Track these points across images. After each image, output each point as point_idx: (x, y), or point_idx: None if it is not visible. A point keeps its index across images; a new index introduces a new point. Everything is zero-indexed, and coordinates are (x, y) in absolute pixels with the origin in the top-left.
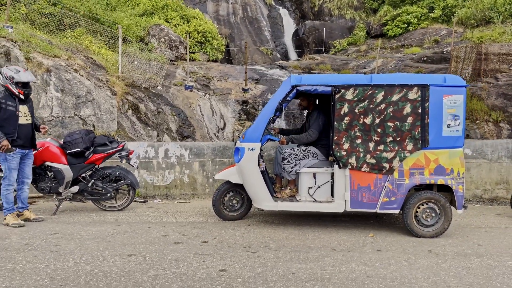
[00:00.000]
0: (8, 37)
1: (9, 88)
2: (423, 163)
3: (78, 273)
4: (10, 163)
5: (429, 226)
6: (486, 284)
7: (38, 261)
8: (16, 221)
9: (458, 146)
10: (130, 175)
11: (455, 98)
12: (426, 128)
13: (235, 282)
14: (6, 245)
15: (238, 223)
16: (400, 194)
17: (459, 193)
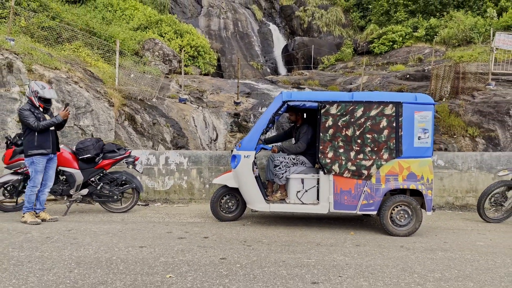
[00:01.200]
0: (11, 50)
1: (32, 100)
2: (397, 170)
3: (99, 259)
4: (37, 166)
5: (402, 226)
6: (445, 270)
7: (62, 250)
8: (34, 219)
9: (428, 155)
10: (135, 180)
11: (425, 114)
12: (400, 140)
13: (234, 267)
14: (29, 238)
15: (234, 223)
16: (377, 197)
17: (429, 197)
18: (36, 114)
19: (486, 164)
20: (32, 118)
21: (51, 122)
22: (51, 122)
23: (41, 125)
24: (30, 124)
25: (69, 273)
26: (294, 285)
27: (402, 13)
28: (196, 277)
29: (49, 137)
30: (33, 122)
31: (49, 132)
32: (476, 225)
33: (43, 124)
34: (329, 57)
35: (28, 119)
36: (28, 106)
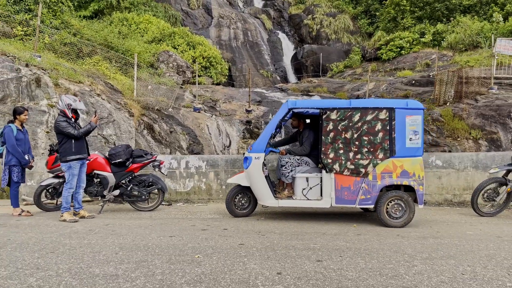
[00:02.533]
0: (39, 66)
1: (65, 112)
2: (391, 168)
3: (137, 245)
4: (73, 170)
5: (397, 218)
6: (432, 252)
7: (105, 239)
8: (72, 217)
9: (419, 155)
10: (161, 181)
11: (415, 118)
12: (393, 141)
13: (251, 250)
14: (75, 231)
15: (249, 218)
16: (374, 193)
17: (420, 192)
18: (71, 124)
19: (482, 163)
20: (71, 128)
21: (88, 128)
22: (88, 128)
23: (80, 132)
24: (70, 133)
25: (115, 254)
26: (301, 262)
27: (409, 19)
28: (220, 257)
29: (83, 144)
30: (72, 131)
31: (83, 139)
32: (470, 219)
33: (82, 131)
34: (338, 64)
35: (67, 129)
36: (63, 118)
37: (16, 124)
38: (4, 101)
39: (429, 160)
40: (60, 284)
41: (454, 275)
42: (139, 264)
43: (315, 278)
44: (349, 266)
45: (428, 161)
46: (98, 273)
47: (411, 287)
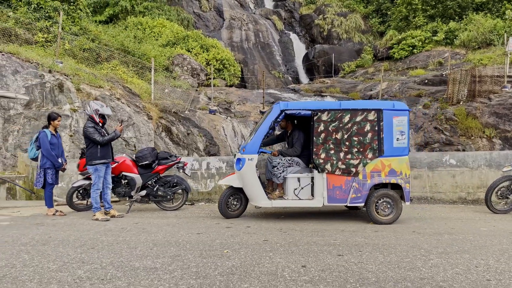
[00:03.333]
0: (61, 72)
1: (93, 118)
2: (380, 168)
3: (169, 241)
4: (99, 172)
5: (386, 215)
6: (448, 247)
7: (138, 236)
8: (104, 216)
9: (405, 154)
10: (185, 182)
11: (402, 119)
12: (382, 141)
13: (275, 246)
14: (109, 229)
15: (270, 216)
16: (364, 191)
17: (407, 189)
18: (98, 130)
19: (495, 162)
20: (97, 134)
21: (112, 136)
22: (112, 136)
23: (105, 140)
24: (96, 139)
25: (150, 250)
26: (323, 256)
27: (421, 18)
28: (247, 252)
29: (109, 149)
30: (98, 138)
31: (108, 145)
32: (484, 216)
33: (106, 139)
34: (350, 63)
35: (93, 135)
36: (91, 124)
37: (50, 129)
38: (29, 106)
39: (443, 159)
40: (106, 276)
41: (469, 268)
42: (174, 258)
43: (338, 270)
44: (369, 260)
45: (442, 160)
46: (138, 266)
47: (427, 278)
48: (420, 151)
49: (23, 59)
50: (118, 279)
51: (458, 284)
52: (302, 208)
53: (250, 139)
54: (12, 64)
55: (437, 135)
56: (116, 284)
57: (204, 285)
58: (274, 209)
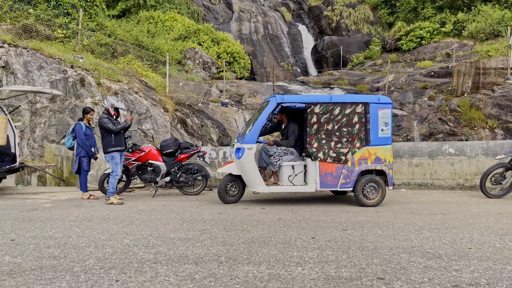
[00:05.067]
0: (83, 67)
1: (109, 110)
2: (366, 156)
3: (196, 219)
4: (116, 159)
5: (372, 199)
6: (439, 224)
7: (167, 214)
8: (119, 200)
9: (389, 143)
10: (204, 169)
11: (386, 111)
12: (368, 132)
13: (288, 223)
14: (140, 210)
15: (282, 200)
16: (353, 177)
17: (390, 175)
18: (112, 120)
19: (492, 150)
20: (110, 124)
21: (124, 125)
22: (124, 125)
23: (118, 128)
24: (110, 128)
25: (181, 225)
26: (330, 231)
27: (430, 9)
28: (264, 227)
29: (122, 138)
30: (112, 126)
31: (121, 134)
32: (479, 200)
33: (119, 127)
34: (358, 55)
35: (108, 125)
36: (105, 115)
37: (84, 122)
38: (54, 100)
39: (442, 148)
40: (149, 243)
41: (454, 239)
42: (203, 231)
43: (342, 241)
44: (369, 233)
45: (441, 149)
46: (173, 237)
47: (417, 246)
48: (425, 141)
49: (47, 55)
50: (159, 246)
51: (443, 250)
52: (296, 194)
53: (249, 130)
54: (36, 60)
55: (441, 126)
56: (158, 249)
57: (230, 250)
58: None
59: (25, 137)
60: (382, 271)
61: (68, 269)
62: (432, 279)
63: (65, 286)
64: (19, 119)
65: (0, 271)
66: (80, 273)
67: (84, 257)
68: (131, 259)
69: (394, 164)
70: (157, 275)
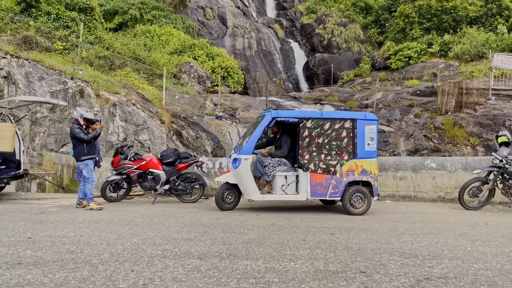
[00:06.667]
0: (82, 78)
1: (78, 120)
2: (354, 168)
3: (195, 223)
4: (89, 166)
5: (358, 208)
6: (418, 230)
7: (169, 219)
8: (98, 205)
9: (374, 157)
10: (202, 178)
11: (372, 127)
12: (355, 146)
13: (281, 227)
14: (142, 214)
15: (275, 208)
16: (341, 187)
17: (375, 186)
18: (83, 130)
19: (470, 166)
20: (82, 134)
21: (94, 134)
22: (94, 134)
23: (89, 137)
24: (82, 137)
25: (183, 228)
26: (319, 234)
27: (417, 30)
28: (259, 231)
29: (93, 146)
30: (84, 136)
31: (92, 143)
32: (457, 211)
33: (90, 136)
34: (348, 72)
35: (79, 135)
36: (76, 126)
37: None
38: (54, 110)
39: (425, 163)
40: (155, 242)
41: (430, 243)
42: (203, 233)
43: (330, 242)
44: (355, 237)
45: (424, 163)
46: (177, 238)
47: (397, 248)
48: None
49: (47, 67)
50: (165, 244)
51: (419, 252)
52: (288, 202)
53: (245, 142)
54: (37, 71)
55: (426, 143)
56: (165, 247)
57: (230, 248)
58: (265, 203)
59: (25, 146)
60: (364, 267)
61: (87, 261)
62: (407, 273)
63: (87, 274)
64: (18, 127)
65: (26, 262)
66: (98, 265)
67: (98, 252)
68: (142, 254)
69: (380, 177)
70: (167, 267)
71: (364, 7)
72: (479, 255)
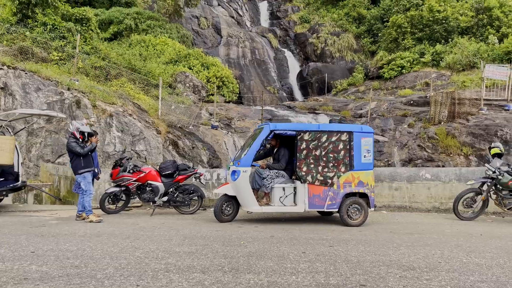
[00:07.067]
0: (79, 89)
1: (75, 134)
2: (351, 179)
3: (196, 236)
4: (87, 179)
5: (355, 219)
6: (415, 242)
7: (169, 232)
8: (97, 218)
9: (370, 169)
10: (200, 190)
11: (368, 140)
12: (352, 158)
13: (280, 239)
14: (142, 227)
15: (273, 219)
16: (338, 199)
17: (372, 198)
18: (79, 144)
19: (464, 176)
20: (78, 147)
21: (90, 147)
22: (90, 147)
23: (85, 151)
24: (78, 151)
25: (183, 241)
26: (318, 247)
27: (410, 40)
28: (259, 243)
29: (90, 159)
30: (80, 150)
31: (89, 155)
32: (452, 222)
33: (86, 150)
34: (342, 81)
35: (76, 148)
36: (73, 139)
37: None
38: (50, 121)
39: (419, 174)
40: (158, 256)
41: (427, 255)
42: (204, 246)
43: (329, 255)
44: (353, 249)
45: (419, 174)
46: (179, 251)
47: (395, 260)
48: (405, 166)
49: (44, 77)
50: (168, 258)
51: (417, 264)
52: (286, 213)
53: (244, 154)
54: (34, 82)
55: (420, 152)
56: (168, 261)
57: (232, 262)
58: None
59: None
60: (364, 280)
61: (92, 276)
62: (406, 286)
63: None
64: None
65: (32, 277)
66: (104, 280)
67: (102, 266)
68: (145, 268)
69: (375, 187)
70: (171, 281)
71: (357, 17)
72: (475, 267)
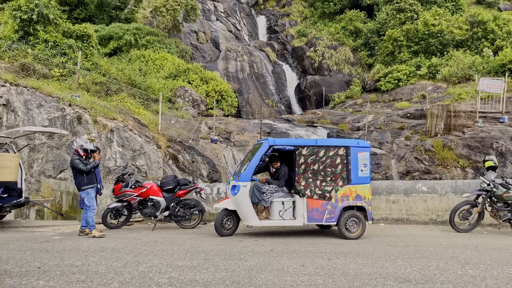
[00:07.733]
0: (80, 105)
1: (78, 151)
2: (348, 193)
3: (198, 250)
4: (90, 195)
5: (353, 232)
6: (412, 254)
7: (171, 246)
8: (100, 233)
9: (368, 182)
10: (201, 204)
11: (365, 154)
12: (349, 172)
13: (280, 253)
14: (144, 241)
15: (272, 233)
16: (336, 212)
17: (369, 211)
18: (82, 161)
19: (460, 189)
20: (81, 164)
21: (93, 164)
22: (93, 164)
23: (88, 168)
24: (81, 168)
25: (185, 255)
26: (317, 260)
27: (406, 53)
28: (259, 257)
29: (93, 176)
30: (82, 166)
31: (92, 172)
32: (448, 234)
33: (89, 167)
34: (339, 94)
35: (79, 165)
36: (76, 156)
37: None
38: (52, 137)
39: (416, 187)
40: (161, 270)
41: (423, 267)
42: (206, 260)
43: (327, 268)
44: (351, 262)
45: (415, 187)
46: (181, 265)
47: (392, 273)
48: (402, 179)
49: (46, 94)
50: (170, 272)
51: (413, 276)
52: (285, 227)
53: (244, 169)
54: (36, 99)
55: (417, 165)
56: (171, 275)
57: (233, 275)
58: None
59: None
60: None
61: None
62: None
63: None
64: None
65: None
66: None
67: (108, 281)
68: (149, 282)
69: (373, 200)
70: None
71: (353, 30)
72: (469, 279)
